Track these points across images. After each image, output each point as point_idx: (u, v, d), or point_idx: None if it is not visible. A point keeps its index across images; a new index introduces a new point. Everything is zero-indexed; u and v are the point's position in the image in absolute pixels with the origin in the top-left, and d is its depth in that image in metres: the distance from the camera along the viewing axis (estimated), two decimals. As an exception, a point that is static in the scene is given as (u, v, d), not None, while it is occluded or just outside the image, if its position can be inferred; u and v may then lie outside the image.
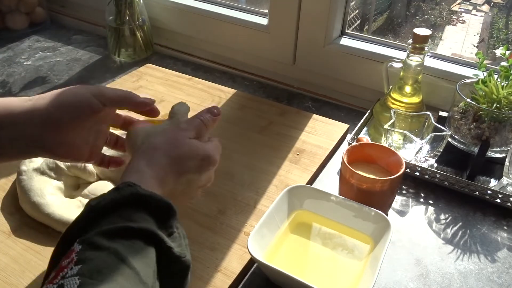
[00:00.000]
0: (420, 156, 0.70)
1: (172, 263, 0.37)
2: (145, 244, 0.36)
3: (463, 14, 1.11)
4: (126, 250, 0.34)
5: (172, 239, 0.38)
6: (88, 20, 1.21)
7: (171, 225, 0.38)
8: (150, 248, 0.36)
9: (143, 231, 0.36)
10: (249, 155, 0.74)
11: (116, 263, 0.33)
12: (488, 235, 0.62)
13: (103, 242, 0.34)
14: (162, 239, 0.37)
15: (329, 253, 0.56)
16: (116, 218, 0.36)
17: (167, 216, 0.39)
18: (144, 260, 0.35)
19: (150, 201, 0.38)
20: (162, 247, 0.37)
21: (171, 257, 0.37)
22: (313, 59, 0.92)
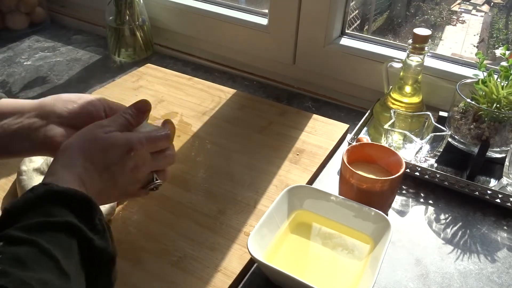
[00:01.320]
0: (420, 156, 0.71)
1: (96, 255, 0.37)
2: (67, 236, 0.36)
3: (463, 14, 1.11)
4: (47, 242, 0.34)
5: (94, 232, 0.38)
6: (88, 20, 1.21)
7: (92, 217, 0.38)
8: (72, 240, 0.36)
9: (63, 224, 0.36)
10: (249, 155, 0.74)
11: (36, 253, 0.33)
12: (488, 235, 0.62)
13: (22, 235, 0.34)
14: (83, 231, 0.37)
15: (329, 253, 0.56)
16: (34, 215, 0.36)
17: (87, 209, 0.38)
18: (66, 251, 0.35)
19: (67, 197, 0.38)
20: (83, 239, 0.36)
21: (93, 249, 0.37)
22: (313, 59, 0.92)
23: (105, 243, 0.38)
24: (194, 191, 0.67)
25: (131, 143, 0.46)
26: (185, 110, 0.86)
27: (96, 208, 0.39)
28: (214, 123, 0.82)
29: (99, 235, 0.38)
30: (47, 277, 0.32)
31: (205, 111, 0.85)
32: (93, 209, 0.39)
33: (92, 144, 0.45)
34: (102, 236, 0.38)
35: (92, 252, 0.37)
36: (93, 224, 0.38)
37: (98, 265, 0.38)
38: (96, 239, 0.37)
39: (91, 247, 0.37)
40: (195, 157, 0.74)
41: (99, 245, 0.37)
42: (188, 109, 0.86)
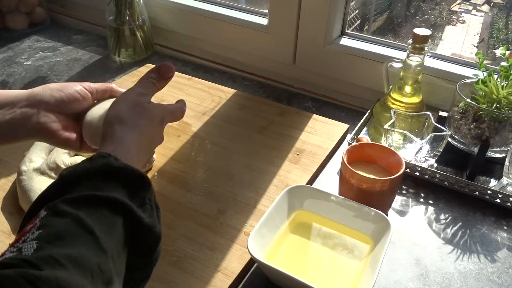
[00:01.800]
0: (420, 156, 0.70)
1: (143, 234, 0.37)
2: (111, 213, 0.36)
3: (463, 14, 1.10)
4: (89, 217, 0.34)
5: (143, 210, 0.38)
6: (88, 20, 1.21)
7: (143, 196, 0.39)
8: (117, 217, 0.36)
9: (110, 200, 0.36)
10: (249, 155, 0.74)
11: (76, 229, 0.33)
12: (488, 235, 0.62)
13: (67, 208, 0.34)
14: (131, 209, 0.37)
15: (329, 253, 0.56)
16: (85, 187, 0.37)
17: (139, 187, 0.39)
18: (107, 228, 0.35)
19: (122, 172, 0.38)
20: (131, 216, 0.37)
21: (141, 227, 0.37)
22: (313, 59, 0.92)
23: (153, 222, 0.38)
24: (194, 191, 0.67)
25: (165, 115, 0.49)
26: (185, 110, 0.86)
27: (149, 186, 0.39)
28: (214, 123, 0.82)
29: (147, 213, 0.38)
30: (81, 252, 0.32)
31: (205, 111, 0.85)
32: (146, 187, 0.39)
33: (142, 117, 0.46)
34: (151, 215, 0.38)
35: (139, 230, 0.37)
36: (143, 202, 0.38)
37: (143, 243, 0.38)
38: (145, 217, 0.37)
39: (139, 224, 0.37)
40: (195, 157, 0.74)
41: (147, 223, 0.37)
42: (188, 109, 0.85)
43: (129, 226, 0.37)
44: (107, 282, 0.33)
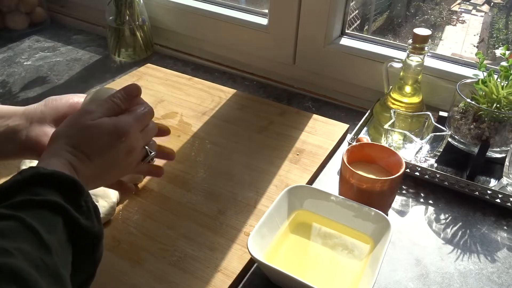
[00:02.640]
0: (420, 156, 0.70)
1: (81, 234, 0.38)
2: (51, 213, 0.36)
3: (463, 14, 1.10)
4: (30, 217, 0.35)
5: (79, 212, 0.38)
6: (88, 20, 1.22)
7: (78, 199, 0.39)
8: (57, 217, 0.37)
9: (48, 202, 0.37)
10: (249, 155, 0.74)
11: (18, 226, 0.34)
12: (488, 235, 0.62)
13: (8, 211, 0.35)
14: (67, 210, 0.37)
15: (329, 253, 0.56)
16: (21, 195, 0.37)
17: (73, 191, 0.39)
18: (49, 226, 0.36)
19: (54, 178, 0.38)
20: (69, 218, 0.37)
21: (79, 228, 0.38)
22: (313, 59, 0.92)
23: (90, 223, 0.39)
24: (194, 191, 0.67)
25: (121, 128, 0.46)
26: (185, 110, 0.86)
27: (81, 189, 0.39)
28: (214, 123, 0.82)
29: (84, 215, 0.39)
30: (26, 248, 0.33)
31: (205, 111, 0.85)
32: (78, 191, 0.39)
33: (79, 132, 0.45)
34: (87, 217, 0.39)
35: (78, 231, 0.38)
36: (78, 204, 0.39)
37: (84, 243, 0.38)
38: (82, 219, 0.38)
39: (77, 225, 0.38)
40: (195, 157, 0.74)
41: (84, 224, 0.38)
42: (188, 109, 0.86)
43: (68, 226, 0.37)
44: (54, 276, 0.33)
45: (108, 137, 0.45)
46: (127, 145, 0.47)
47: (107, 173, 0.47)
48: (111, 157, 0.46)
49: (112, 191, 0.63)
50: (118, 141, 0.46)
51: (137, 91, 0.50)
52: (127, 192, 0.63)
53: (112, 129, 0.46)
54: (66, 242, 0.37)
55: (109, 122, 0.46)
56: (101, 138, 0.45)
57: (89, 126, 0.45)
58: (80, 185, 0.39)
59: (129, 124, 0.47)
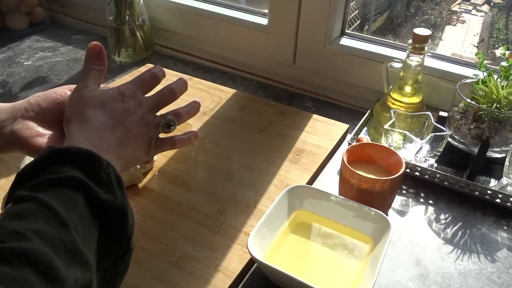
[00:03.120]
0: (420, 156, 0.70)
1: (103, 208, 0.38)
2: (71, 190, 0.37)
3: (463, 14, 1.10)
4: (48, 196, 0.35)
5: (99, 186, 0.38)
6: (88, 20, 1.22)
7: (97, 172, 0.39)
8: (77, 194, 0.37)
9: (67, 179, 0.37)
10: (249, 155, 0.74)
11: (35, 207, 0.34)
12: (488, 235, 0.62)
13: (26, 193, 0.35)
14: (87, 185, 0.37)
15: (329, 253, 0.56)
16: (41, 175, 0.37)
17: (91, 164, 0.39)
18: (68, 204, 0.36)
19: (70, 154, 0.39)
20: (89, 193, 0.37)
21: (100, 202, 0.37)
22: (313, 59, 0.92)
23: (112, 196, 0.38)
24: (194, 191, 0.67)
25: (119, 89, 0.47)
26: (185, 110, 0.86)
27: (99, 161, 0.39)
28: (214, 123, 0.82)
29: (105, 188, 0.38)
30: (43, 227, 0.33)
31: (205, 111, 0.85)
32: (97, 163, 0.39)
33: (84, 107, 0.45)
34: (108, 190, 0.38)
35: (100, 206, 0.37)
36: (99, 177, 0.38)
37: (109, 218, 0.38)
38: (102, 193, 0.38)
39: (97, 200, 0.37)
40: (195, 157, 0.74)
41: (105, 198, 0.37)
42: (188, 109, 0.86)
43: (90, 202, 0.37)
44: (72, 253, 0.33)
45: (112, 100, 0.46)
46: (131, 104, 0.47)
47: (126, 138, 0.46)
48: (122, 117, 0.46)
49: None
50: (122, 101, 0.47)
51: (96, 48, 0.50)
52: None
53: (111, 92, 0.47)
54: (89, 219, 0.37)
55: (107, 89, 0.48)
56: (107, 104, 0.46)
57: (90, 97, 0.46)
58: (98, 156, 0.39)
59: (126, 85, 0.48)
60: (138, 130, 0.48)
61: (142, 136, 0.48)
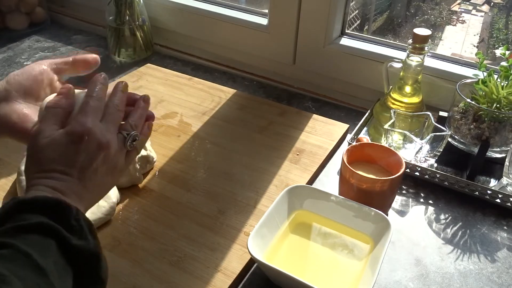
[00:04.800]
0: (420, 156, 0.70)
1: (76, 254, 0.37)
2: (42, 236, 0.36)
3: (463, 14, 1.10)
4: (21, 243, 0.34)
5: (71, 232, 0.37)
6: (88, 20, 1.21)
7: (67, 218, 0.38)
8: (49, 239, 0.36)
9: (36, 225, 0.36)
10: (249, 155, 0.74)
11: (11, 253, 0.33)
12: (488, 235, 0.62)
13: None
14: (58, 230, 0.36)
15: (329, 253, 0.56)
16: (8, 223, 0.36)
17: (59, 211, 0.38)
18: (42, 250, 0.35)
19: (38, 204, 0.37)
20: (60, 238, 0.36)
21: (72, 248, 0.37)
22: (313, 59, 0.92)
23: (84, 242, 0.38)
24: (194, 191, 0.67)
25: (75, 131, 0.43)
26: (185, 110, 0.86)
27: (68, 209, 0.38)
28: (214, 123, 0.82)
29: (77, 235, 0.38)
30: (21, 272, 0.32)
31: (205, 111, 0.85)
32: (65, 210, 0.38)
33: (40, 155, 0.42)
34: (80, 236, 0.38)
35: (72, 252, 0.37)
36: (69, 224, 0.38)
37: (83, 264, 0.37)
38: (74, 239, 0.37)
39: (70, 246, 0.37)
40: (195, 157, 0.74)
41: (77, 244, 0.37)
42: (188, 109, 0.86)
43: (62, 248, 0.36)
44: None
45: (69, 145, 0.42)
46: (94, 143, 0.43)
47: (97, 179, 0.44)
48: (86, 162, 0.42)
49: (112, 191, 0.63)
50: (81, 144, 0.42)
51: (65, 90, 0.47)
52: None
53: (68, 138, 0.42)
54: (63, 265, 0.36)
55: (62, 132, 0.43)
56: (64, 151, 0.42)
57: (45, 144, 0.42)
58: (66, 204, 0.38)
59: (81, 123, 0.43)
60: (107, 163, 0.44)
61: (112, 168, 0.45)
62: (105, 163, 0.44)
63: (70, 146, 0.42)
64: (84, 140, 0.42)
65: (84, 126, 0.43)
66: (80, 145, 0.42)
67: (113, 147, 0.45)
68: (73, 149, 0.42)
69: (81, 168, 0.42)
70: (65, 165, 0.42)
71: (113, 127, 0.46)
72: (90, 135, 0.43)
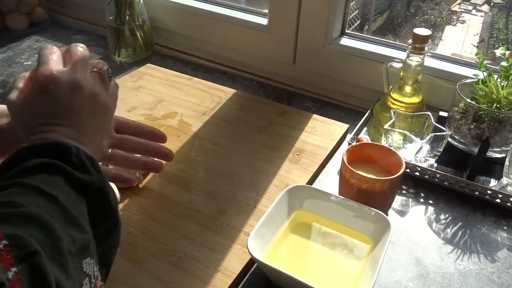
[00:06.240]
0: (420, 156, 0.71)
1: (84, 187, 0.38)
2: (49, 175, 0.36)
3: (463, 14, 1.11)
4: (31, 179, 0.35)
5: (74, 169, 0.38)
6: (88, 20, 1.21)
7: (68, 157, 0.38)
8: (56, 176, 0.37)
9: (41, 165, 0.37)
10: (249, 155, 0.74)
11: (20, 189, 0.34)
12: (488, 235, 0.62)
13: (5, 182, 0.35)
14: (62, 166, 0.37)
15: (329, 253, 0.56)
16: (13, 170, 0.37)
17: (60, 152, 0.38)
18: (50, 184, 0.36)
19: (37, 148, 0.38)
20: (66, 174, 0.37)
21: (78, 182, 0.38)
22: (313, 59, 0.92)
23: (88, 176, 0.38)
24: (194, 191, 0.67)
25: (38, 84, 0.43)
26: (185, 110, 0.86)
27: (67, 147, 0.39)
28: (214, 123, 0.82)
29: (80, 170, 0.38)
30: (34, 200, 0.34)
31: (205, 111, 0.85)
32: (65, 149, 0.39)
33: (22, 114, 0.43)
34: (83, 171, 0.38)
35: (79, 185, 0.37)
36: (71, 161, 0.38)
37: (91, 196, 0.38)
38: (78, 173, 0.38)
39: (76, 179, 0.37)
40: (195, 157, 0.74)
41: (81, 177, 0.38)
42: (188, 109, 0.86)
43: (70, 183, 0.37)
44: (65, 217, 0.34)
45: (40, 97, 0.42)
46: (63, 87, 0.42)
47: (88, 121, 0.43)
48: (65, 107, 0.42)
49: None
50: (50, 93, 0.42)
51: None
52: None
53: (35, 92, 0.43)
54: (75, 195, 0.37)
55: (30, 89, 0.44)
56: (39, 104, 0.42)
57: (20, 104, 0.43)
58: (64, 143, 0.39)
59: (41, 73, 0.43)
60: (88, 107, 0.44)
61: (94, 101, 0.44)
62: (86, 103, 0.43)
63: (41, 98, 0.42)
64: (50, 88, 0.42)
65: (44, 74, 0.43)
66: (49, 94, 0.42)
67: (86, 86, 0.44)
68: (45, 100, 0.42)
69: (63, 114, 0.42)
70: (47, 117, 0.42)
71: (81, 67, 0.45)
72: (55, 81, 0.42)
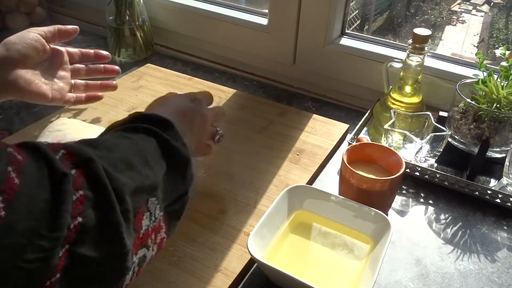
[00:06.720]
0: (420, 156, 0.71)
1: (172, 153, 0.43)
2: (146, 134, 0.43)
3: (463, 14, 1.11)
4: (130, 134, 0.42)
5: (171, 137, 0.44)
6: (88, 20, 1.21)
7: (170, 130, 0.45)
8: (151, 138, 0.43)
9: (143, 127, 0.43)
10: (249, 155, 0.74)
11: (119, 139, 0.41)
12: (488, 235, 0.62)
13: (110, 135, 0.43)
14: (159, 133, 0.43)
15: (329, 253, 0.56)
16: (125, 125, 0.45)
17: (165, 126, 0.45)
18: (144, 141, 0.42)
19: (150, 117, 0.45)
20: (161, 138, 0.43)
21: (170, 147, 0.43)
22: (313, 59, 0.92)
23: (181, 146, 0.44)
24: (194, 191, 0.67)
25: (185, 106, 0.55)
26: (185, 110, 0.86)
27: (172, 126, 0.45)
28: (214, 123, 0.82)
29: (174, 140, 0.44)
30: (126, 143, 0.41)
31: (205, 111, 0.85)
32: (170, 126, 0.45)
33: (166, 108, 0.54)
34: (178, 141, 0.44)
35: (169, 150, 0.43)
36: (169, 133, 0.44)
37: (175, 162, 0.43)
38: (172, 141, 0.44)
39: (168, 144, 0.43)
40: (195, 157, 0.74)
41: (174, 145, 0.44)
42: (188, 109, 0.86)
43: (161, 146, 0.43)
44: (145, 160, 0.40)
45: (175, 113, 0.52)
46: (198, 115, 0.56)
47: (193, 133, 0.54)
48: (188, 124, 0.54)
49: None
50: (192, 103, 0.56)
51: None
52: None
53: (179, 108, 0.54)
54: (159, 155, 0.42)
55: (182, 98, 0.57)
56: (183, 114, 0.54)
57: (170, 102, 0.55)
58: (171, 123, 0.45)
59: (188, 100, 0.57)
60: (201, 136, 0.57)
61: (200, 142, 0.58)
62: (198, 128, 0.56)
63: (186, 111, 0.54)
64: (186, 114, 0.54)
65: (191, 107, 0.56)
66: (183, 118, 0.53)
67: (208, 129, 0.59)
68: None
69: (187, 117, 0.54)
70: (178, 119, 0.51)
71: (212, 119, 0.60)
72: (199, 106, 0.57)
